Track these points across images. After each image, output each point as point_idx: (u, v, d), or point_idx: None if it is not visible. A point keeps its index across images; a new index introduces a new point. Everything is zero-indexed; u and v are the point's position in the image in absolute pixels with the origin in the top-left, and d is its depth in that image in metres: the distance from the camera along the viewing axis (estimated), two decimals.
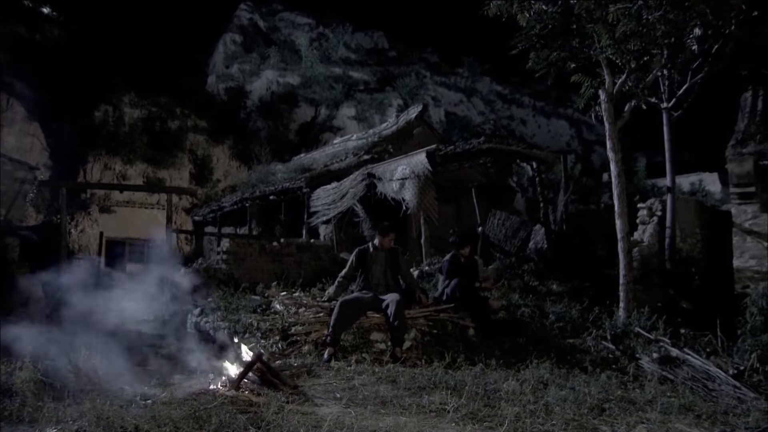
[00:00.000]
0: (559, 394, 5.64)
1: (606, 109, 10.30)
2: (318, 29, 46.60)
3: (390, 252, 8.66)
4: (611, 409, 5.35)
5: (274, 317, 8.78)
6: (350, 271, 8.71)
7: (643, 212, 13.93)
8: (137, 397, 5.60)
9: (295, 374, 6.65)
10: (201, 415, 4.84)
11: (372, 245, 8.75)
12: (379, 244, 8.67)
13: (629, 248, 10.17)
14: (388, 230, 8.75)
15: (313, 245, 15.33)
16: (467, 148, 14.11)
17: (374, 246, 8.70)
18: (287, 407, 5.15)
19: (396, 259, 8.66)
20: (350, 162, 18.53)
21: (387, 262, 8.58)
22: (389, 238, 8.69)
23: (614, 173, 10.27)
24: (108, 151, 30.46)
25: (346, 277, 8.74)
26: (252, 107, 37.15)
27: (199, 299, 11.27)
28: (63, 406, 5.16)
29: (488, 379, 6.34)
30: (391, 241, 8.71)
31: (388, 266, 8.58)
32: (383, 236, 8.68)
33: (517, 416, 5.02)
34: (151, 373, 7.08)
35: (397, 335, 7.79)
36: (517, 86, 48.40)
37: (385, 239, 8.66)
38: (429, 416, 5.07)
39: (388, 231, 8.73)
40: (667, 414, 5.25)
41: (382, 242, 8.66)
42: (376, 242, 8.71)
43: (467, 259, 9.86)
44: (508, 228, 15.87)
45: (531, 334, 9.14)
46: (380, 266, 8.55)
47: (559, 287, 11.67)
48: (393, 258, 8.64)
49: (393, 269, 8.61)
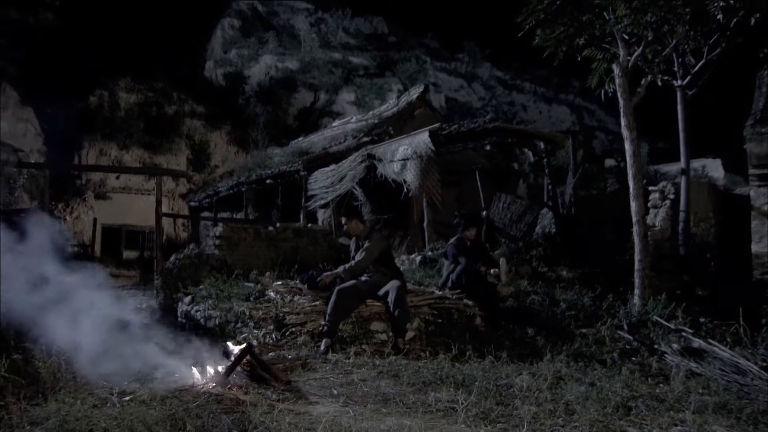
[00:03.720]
0: (579, 391, 5.10)
1: (620, 84, 9.71)
2: (317, 14, 46.23)
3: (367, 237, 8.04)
4: (638, 408, 4.80)
5: (268, 305, 8.24)
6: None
7: (654, 195, 13.42)
8: (113, 394, 5.05)
9: (288, 368, 6.15)
10: (181, 415, 4.32)
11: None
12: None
13: (645, 232, 9.61)
14: (347, 215, 8.22)
15: (310, 230, 14.83)
16: (472, 127, 13.55)
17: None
18: (278, 406, 4.62)
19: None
20: (349, 144, 18.03)
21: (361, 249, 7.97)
22: (352, 224, 8.09)
23: (629, 152, 9.70)
24: (103, 137, 30.30)
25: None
26: (250, 92, 36.97)
27: (190, 286, 10.76)
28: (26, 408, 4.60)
29: (499, 374, 5.82)
30: (350, 226, 8.10)
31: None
32: (346, 223, 8.17)
33: (535, 416, 4.49)
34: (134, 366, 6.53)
35: (398, 325, 7.25)
36: (518, 72, 48.39)
37: (349, 226, 8.13)
38: (436, 416, 4.54)
39: (347, 216, 8.20)
40: (702, 414, 4.70)
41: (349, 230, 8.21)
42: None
43: (473, 242, 9.31)
44: (514, 212, 15.30)
45: (542, 323, 8.63)
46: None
47: (569, 273, 11.18)
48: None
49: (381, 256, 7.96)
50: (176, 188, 30.90)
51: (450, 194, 17.26)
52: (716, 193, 14.90)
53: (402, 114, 19.92)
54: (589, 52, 10.46)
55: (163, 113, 32.62)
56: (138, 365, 6.26)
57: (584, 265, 11.52)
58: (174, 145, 31.83)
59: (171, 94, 33.58)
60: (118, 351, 6.68)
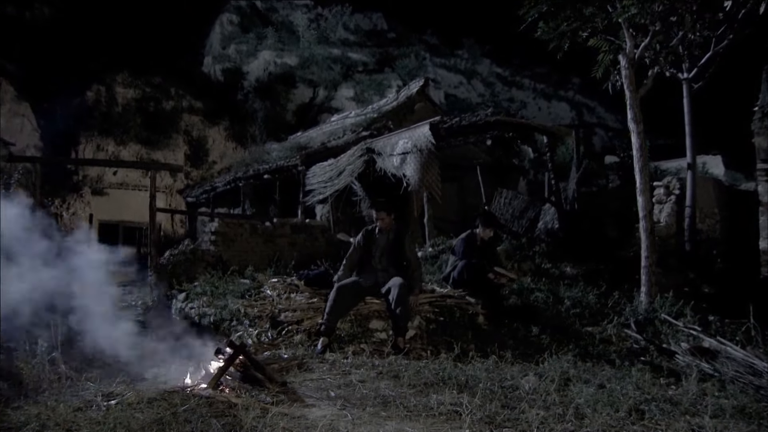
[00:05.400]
0: (588, 393, 4.85)
1: (627, 76, 9.46)
2: (316, 10, 46.02)
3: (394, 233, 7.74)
4: (652, 411, 4.55)
5: (263, 303, 8.00)
6: (354, 253, 7.80)
7: (659, 191, 13.18)
8: (99, 396, 4.79)
9: (284, 368, 5.93)
10: (168, 420, 4.08)
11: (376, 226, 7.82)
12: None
13: (652, 227, 9.37)
14: (380, 207, 7.77)
15: (308, 225, 14.55)
16: (474, 120, 13.26)
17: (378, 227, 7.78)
18: (272, 410, 4.39)
19: (400, 243, 7.70)
20: (348, 139, 17.74)
21: (387, 245, 7.64)
22: (382, 218, 7.68)
23: (636, 146, 9.46)
24: (100, 132, 30.07)
25: (349, 258, 7.74)
26: (249, 88, 36.80)
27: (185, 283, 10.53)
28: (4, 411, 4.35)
29: (504, 374, 5.56)
30: (385, 220, 7.69)
31: (389, 249, 7.62)
32: (384, 216, 7.69)
33: (543, 421, 4.24)
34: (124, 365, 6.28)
35: (399, 323, 6.97)
36: (518, 68, 48.28)
37: (385, 219, 7.69)
38: (439, 420, 4.30)
39: (380, 208, 7.75)
40: (720, 418, 4.45)
41: (382, 222, 7.72)
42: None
43: (484, 242, 8.96)
44: (516, 207, 15.05)
45: (546, 321, 8.39)
46: (379, 249, 7.64)
47: (573, 270, 10.96)
48: (396, 241, 7.69)
49: (395, 253, 7.66)
50: (174, 184, 30.66)
51: (450, 190, 17.02)
52: (721, 188, 14.67)
53: (402, 108, 19.63)
54: (595, 41, 10.19)
55: (160, 109, 32.37)
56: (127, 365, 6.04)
57: (588, 261, 11.28)
58: (172, 141, 31.60)
59: (169, 89, 33.33)
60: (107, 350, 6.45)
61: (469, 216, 15.36)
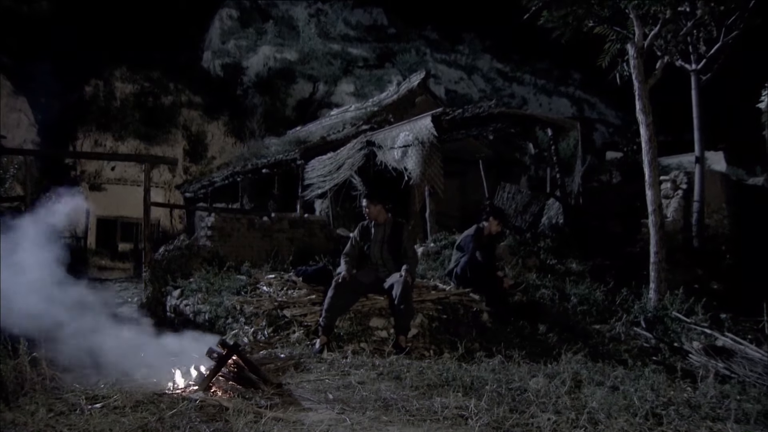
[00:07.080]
0: (602, 396, 4.56)
1: (635, 66, 9.18)
2: (316, 5, 45.82)
3: (391, 227, 7.44)
4: (670, 416, 4.25)
5: (260, 300, 7.72)
6: (352, 249, 7.46)
7: (666, 185, 12.91)
8: (83, 399, 4.50)
9: (280, 368, 5.68)
10: (154, 426, 3.83)
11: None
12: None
13: (661, 222, 9.09)
14: (366, 197, 7.43)
15: (307, 220, 14.31)
16: (477, 112, 13.00)
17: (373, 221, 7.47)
18: (266, 414, 4.11)
19: (398, 237, 7.37)
20: (348, 132, 17.48)
21: (385, 239, 7.32)
22: (369, 208, 7.34)
23: (644, 138, 9.17)
24: (99, 127, 30.00)
25: (348, 254, 7.38)
26: (248, 83, 36.75)
27: (180, 279, 10.27)
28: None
29: (511, 375, 5.28)
30: (372, 211, 7.34)
31: (386, 243, 7.31)
32: (368, 206, 7.36)
33: (555, 426, 3.96)
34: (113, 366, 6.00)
35: (402, 321, 6.69)
36: (518, 64, 48.11)
37: (371, 210, 7.36)
38: (443, 425, 4.04)
39: (367, 198, 7.40)
40: (744, 425, 4.16)
41: (369, 214, 7.41)
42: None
43: (491, 236, 8.67)
44: (519, 202, 14.79)
45: (553, 318, 8.13)
46: (377, 243, 7.34)
47: (579, 266, 10.70)
48: (394, 235, 7.38)
49: (394, 247, 7.34)
50: (173, 179, 30.51)
51: (452, 184, 16.76)
52: (728, 183, 14.38)
53: (402, 101, 19.39)
54: (601, 30, 9.88)
55: (159, 103, 32.30)
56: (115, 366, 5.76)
57: (594, 257, 11.03)
58: (170, 136, 31.54)
59: (168, 84, 33.25)
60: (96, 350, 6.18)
61: (471, 212, 15.11)
